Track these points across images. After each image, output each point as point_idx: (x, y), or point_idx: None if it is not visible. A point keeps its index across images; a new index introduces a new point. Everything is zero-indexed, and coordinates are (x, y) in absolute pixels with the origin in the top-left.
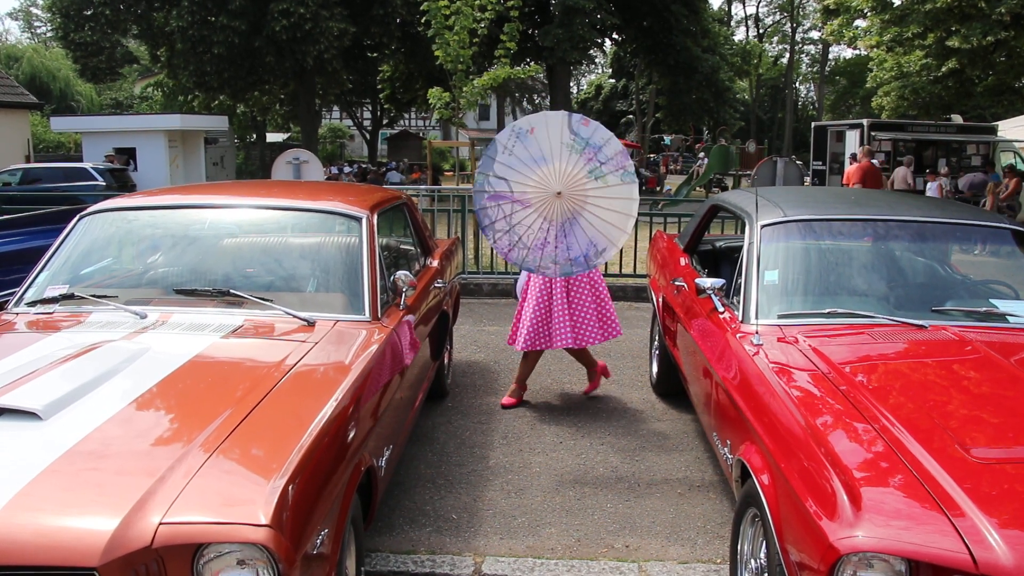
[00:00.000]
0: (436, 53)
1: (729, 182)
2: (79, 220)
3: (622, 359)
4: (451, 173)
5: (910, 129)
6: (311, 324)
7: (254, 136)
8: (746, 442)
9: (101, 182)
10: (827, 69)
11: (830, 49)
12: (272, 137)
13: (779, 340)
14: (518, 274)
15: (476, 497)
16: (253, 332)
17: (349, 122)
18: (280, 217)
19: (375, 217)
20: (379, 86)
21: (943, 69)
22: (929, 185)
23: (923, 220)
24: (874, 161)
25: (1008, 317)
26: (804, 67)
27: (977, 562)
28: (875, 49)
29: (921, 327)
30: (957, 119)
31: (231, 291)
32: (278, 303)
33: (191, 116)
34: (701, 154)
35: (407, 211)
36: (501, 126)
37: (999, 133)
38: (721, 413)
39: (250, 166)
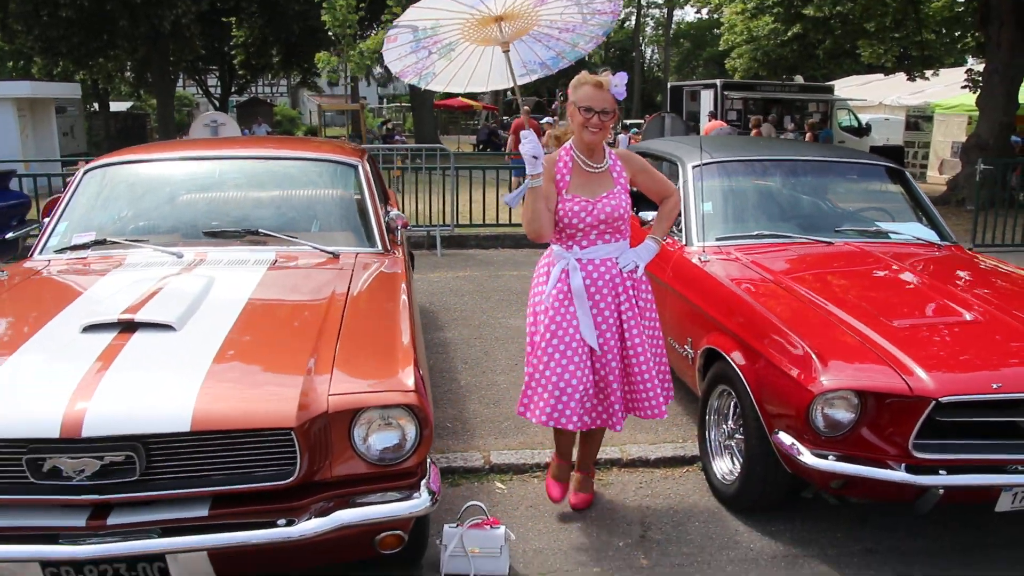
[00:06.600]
0: (324, 18)
1: None
2: (84, 174)
3: None
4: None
5: (759, 89)
6: (336, 256)
7: (95, 105)
8: (710, 334)
9: None
10: (671, 32)
11: (674, 13)
12: (116, 106)
13: (721, 258)
14: (431, 226)
15: (461, 410)
16: (292, 264)
17: (194, 89)
18: (284, 166)
19: (366, 164)
20: (232, 52)
21: (789, 33)
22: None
23: (823, 159)
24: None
25: (890, 234)
26: (649, 30)
27: (912, 388)
28: (739, 15)
29: (830, 243)
30: (799, 79)
31: (259, 231)
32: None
33: (41, 83)
34: (555, 117)
35: (372, 164)
36: (355, 92)
37: (835, 92)
38: (679, 319)
39: (95, 137)
